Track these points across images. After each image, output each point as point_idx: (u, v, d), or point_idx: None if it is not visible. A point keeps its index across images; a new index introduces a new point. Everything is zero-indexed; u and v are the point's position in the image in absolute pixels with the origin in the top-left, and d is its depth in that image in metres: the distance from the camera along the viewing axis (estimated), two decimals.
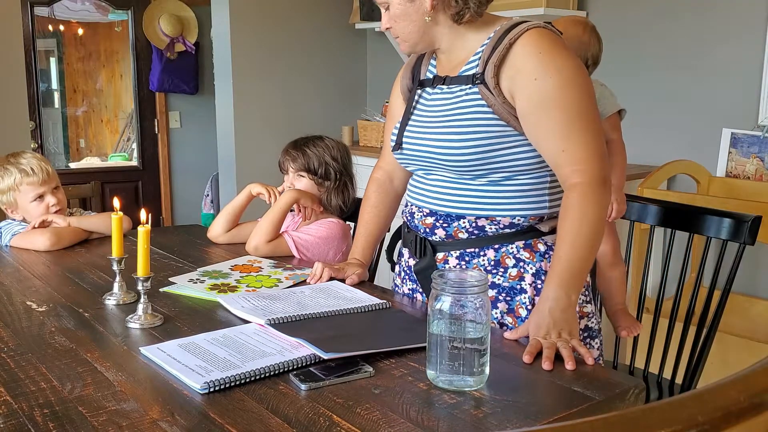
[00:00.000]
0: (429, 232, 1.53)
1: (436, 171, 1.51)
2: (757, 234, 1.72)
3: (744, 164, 3.03)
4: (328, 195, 2.11)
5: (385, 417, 1.03)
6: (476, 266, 1.49)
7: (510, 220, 1.46)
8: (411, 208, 1.59)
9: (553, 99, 1.36)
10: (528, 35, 1.38)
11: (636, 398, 1.15)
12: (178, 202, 5.73)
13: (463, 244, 1.49)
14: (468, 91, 1.44)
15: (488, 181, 1.45)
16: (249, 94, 4.22)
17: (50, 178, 2.16)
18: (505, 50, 1.39)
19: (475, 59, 1.45)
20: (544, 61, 1.36)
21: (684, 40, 3.17)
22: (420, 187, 1.56)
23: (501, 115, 1.40)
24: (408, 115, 1.57)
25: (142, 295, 1.44)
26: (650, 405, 0.54)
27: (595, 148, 1.37)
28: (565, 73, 1.36)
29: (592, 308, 1.55)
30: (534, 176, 1.45)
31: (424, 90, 1.57)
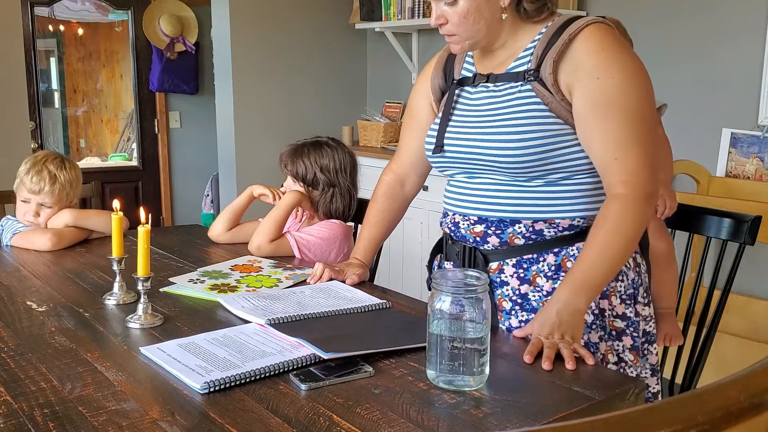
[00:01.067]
0: (480, 241, 1.44)
1: (484, 174, 1.43)
2: (757, 234, 1.72)
3: (744, 164, 3.03)
4: (332, 198, 2.11)
5: (385, 417, 1.03)
6: (536, 273, 1.41)
7: (570, 222, 1.39)
8: (454, 218, 1.49)
9: (614, 101, 1.29)
10: (589, 30, 1.32)
11: (636, 398, 1.15)
12: (178, 202, 5.73)
13: (520, 250, 1.41)
14: (520, 89, 1.37)
15: (545, 182, 1.38)
16: (249, 94, 4.22)
17: (42, 195, 2.13)
18: (565, 45, 1.32)
19: (526, 55, 1.39)
20: (608, 59, 1.30)
21: (684, 40, 3.17)
22: (463, 193, 1.47)
23: (558, 113, 1.34)
24: (447, 116, 1.48)
25: (142, 295, 1.44)
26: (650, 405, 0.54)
27: (648, 160, 1.31)
28: (628, 74, 1.31)
29: (650, 311, 1.48)
30: (593, 175, 1.38)
31: (464, 89, 1.49)
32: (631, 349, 1.42)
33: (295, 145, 2.17)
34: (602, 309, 1.40)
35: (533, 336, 1.28)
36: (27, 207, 2.15)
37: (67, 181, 2.16)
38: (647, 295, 1.48)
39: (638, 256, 1.46)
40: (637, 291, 1.44)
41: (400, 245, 3.66)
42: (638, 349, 1.43)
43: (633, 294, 1.43)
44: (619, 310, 1.41)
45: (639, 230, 1.32)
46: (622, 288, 1.41)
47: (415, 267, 3.54)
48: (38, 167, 2.14)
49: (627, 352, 1.42)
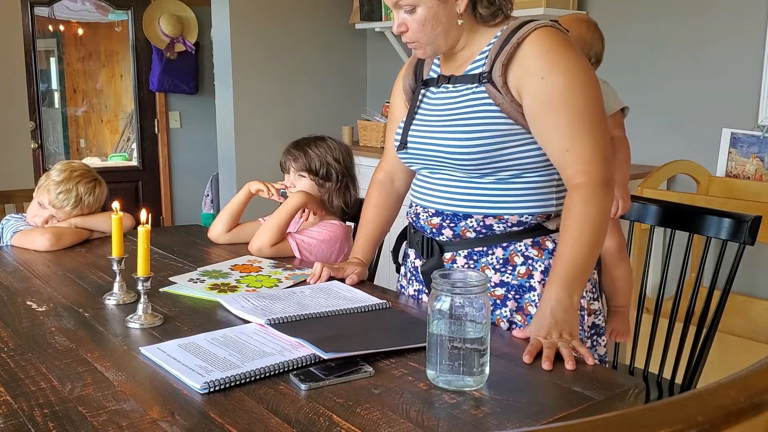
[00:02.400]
0: (436, 232, 1.53)
1: (442, 170, 1.50)
2: (757, 234, 1.72)
3: (744, 164, 3.03)
4: (330, 196, 2.10)
5: (385, 417, 1.03)
6: (484, 265, 1.48)
7: (518, 218, 1.45)
8: (416, 209, 1.58)
9: (560, 99, 1.36)
10: (536, 34, 1.38)
11: (636, 398, 1.15)
12: (178, 202, 5.73)
13: (471, 243, 1.49)
14: (475, 90, 1.44)
15: (496, 180, 1.45)
16: (249, 94, 4.22)
17: (59, 210, 2.15)
18: (513, 49, 1.39)
19: (481, 58, 1.45)
20: (552, 60, 1.36)
21: (684, 40, 3.17)
22: (425, 187, 1.55)
23: (509, 114, 1.40)
24: (412, 114, 1.57)
25: (142, 295, 1.44)
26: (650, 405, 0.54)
27: (599, 149, 1.37)
28: (572, 73, 1.37)
29: (599, 305, 1.55)
30: (542, 174, 1.45)
31: (428, 89, 1.56)
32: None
33: (299, 140, 2.16)
34: None
35: (532, 337, 1.31)
36: (41, 212, 2.16)
37: (88, 205, 2.18)
38: (595, 290, 1.54)
39: None
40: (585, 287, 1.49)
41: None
42: (583, 341, 1.49)
43: None
44: None
45: (604, 216, 1.38)
46: None
47: None
48: (69, 186, 2.15)
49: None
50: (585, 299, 1.50)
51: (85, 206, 2.17)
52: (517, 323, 1.47)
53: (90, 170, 2.24)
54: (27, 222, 2.19)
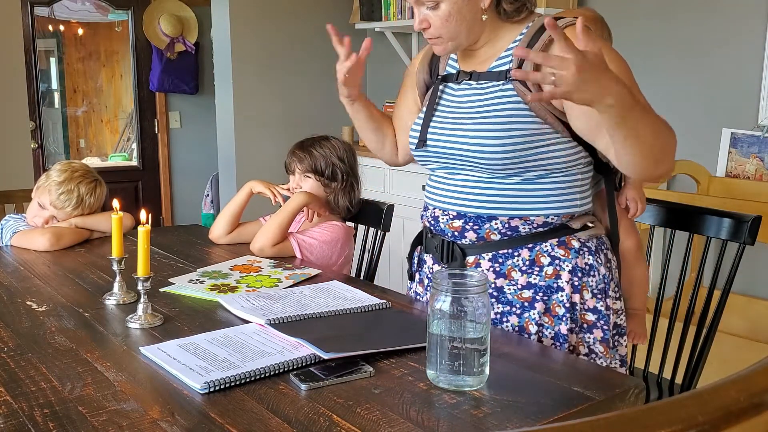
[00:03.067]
0: (458, 235, 1.48)
1: (464, 170, 1.46)
2: (757, 234, 1.71)
3: (744, 164, 3.03)
4: (335, 196, 2.10)
5: (385, 417, 1.03)
6: (510, 267, 1.45)
7: (544, 219, 1.43)
8: (434, 212, 1.53)
9: None
10: (570, 31, 1.32)
11: (636, 398, 1.15)
12: (178, 202, 5.73)
13: (496, 245, 1.45)
14: (502, 87, 1.41)
15: (521, 180, 1.41)
16: (249, 94, 4.22)
17: (60, 211, 2.15)
18: (545, 46, 1.35)
19: (508, 54, 1.42)
20: None
21: (684, 40, 3.17)
22: (443, 188, 1.50)
23: (537, 112, 1.37)
24: (431, 110, 1.51)
25: (142, 295, 1.44)
26: (650, 405, 0.54)
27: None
28: (617, 61, 1.33)
29: (621, 305, 1.53)
30: (567, 174, 1.43)
31: (447, 85, 1.52)
32: (602, 341, 1.47)
33: (303, 141, 2.15)
34: (573, 303, 1.44)
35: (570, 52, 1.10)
36: (41, 213, 2.16)
37: (89, 206, 2.19)
38: (618, 289, 1.53)
39: (609, 252, 1.52)
40: (608, 286, 1.48)
41: (400, 245, 3.66)
42: (608, 341, 1.47)
43: (604, 288, 1.47)
44: (590, 304, 1.46)
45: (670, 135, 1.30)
46: (594, 283, 1.46)
47: None
48: (70, 186, 2.15)
49: (597, 344, 1.47)
50: (609, 298, 1.48)
51: (86, 207, 2.17)
52: (545, 325, 1.44)
53: (90, 170, 2.24)
54: (27, 222, 2.19)
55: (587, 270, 1.45)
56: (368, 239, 2.22)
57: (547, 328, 1.44)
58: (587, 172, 1.48)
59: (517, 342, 1.37)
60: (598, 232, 1.51)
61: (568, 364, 1.26)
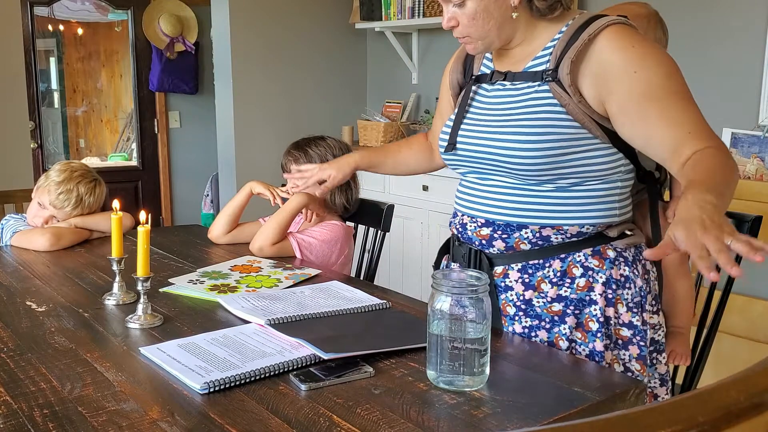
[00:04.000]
0: (486, 244, 1.41)
1: (495, 175, 1.39)
2: (758, 234, 1.71)
3: (744, 164, 3.03)
4: (332, 194, 2.11)
5: (385, 417, 1.03)
6: (541, 279, 1.37)
7: (578, 229, 1.35)
8: (462, 219, 1.46)
9: (662, 88, 1.26)
10: (611, 30, 1.28)
11: (636, 398, 1.15)
12: (178, 202, 5.73)
13: (526, 255, 1.38)
14: (537, 89, 1.34)
15: (555, 187, 1.34)
16: (249, 94, 4.22)
17: (59, 211, 2.15)
18: (584, 46, 1.28)
19: (545, 54, 1.35)
20: (640, 53, 1.27)
21: (684, 40, 3.17)
22: (473, 194, 1.44)
23: (575, 116, 1.30)
24: (462, 112, 1.45)
25: (142, 295, 1.44)
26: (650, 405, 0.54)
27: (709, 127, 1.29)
28: (665, 61, 1.29)
29: (659, 320, 1.44)
30: (604, 182, 1.35)
31: (480, 86, 1.45)
32: (638, 359, 1.39)
33: (299, 141, 2.16)
34: (608, 317, 1.36)
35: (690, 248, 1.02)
36: (41, 213, 2.16)
37: (88, 205, 2.19)
38: (656, 303, 1.44)
39: (647, 263, 1.43)
40: (645, 299, 1.40)
41: (400, 245, 3.66)
42: (645, 358, 1.39)
43: (640, 302, 1.39)
44: (625, 318, 1.38)
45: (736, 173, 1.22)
46: (629, 296, 1.37)
47: (415, 267, 3.54)
48: (70, 186, 2.15)
49: (633, 361, 1.39)
50: (646, 312, 1.40)
51: (86, 206, 2.17)
52: (577, 341, 1.36)
53: (90, 170, 2.24)
54: (27, 222, 2.19)
55: (622, 282, 1.36)
56: (368, 239, 2.22)
57: (580, 344, 1.36)
58: (627, 180, 1.39)
59: (517, 342, 1.37)
60: (638, 240, 1.42)
61: (568, 364, 1.26)
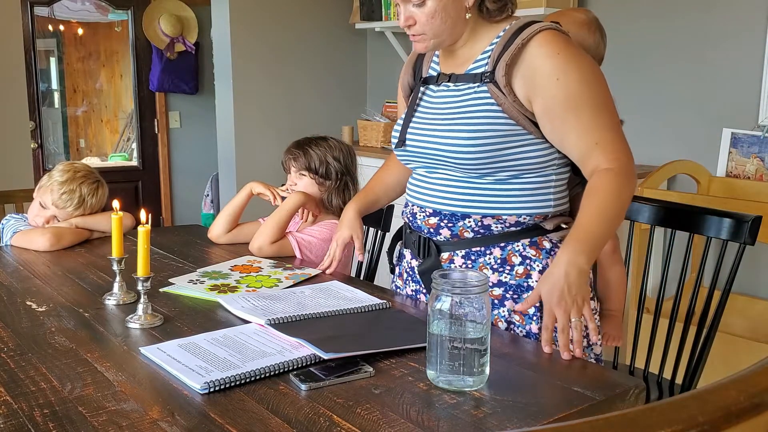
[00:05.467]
0: (433, 232, 1.52)
1: (441, 169, 1.50)
2: (758, 234, 1.71)
3: (744, 164, 3.03)
4: (329, 195, 2.11)
5: (385, 417, 1.03)
6: (482, 265, 1.48)
7: (516, 219, 1.46)
8: (412, 209, 1.58)
9: (580, 96, 1.37)
10: (542, 36, 1.38)
11: (636, 398, 1.15)
12: (178, 202, 5.73)
13: (469, 243, 1.49)
14: (476, 89, 1.44)
15: (495, 180, 1.45)
16: (249, 94, 4.22)
17: (61, 211, 2.15)
18: (518, 50, 1.38)
19: (484, 57, 1.45)
20: (564, 61, 1.37)
21: (684, 40, 3.17)
22: (422, 186, 1.55)
23: (510, 114, 1.40)
24: (411, 112, 1.56)
25: (142, 295, 1.44)
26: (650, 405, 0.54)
27: (623, 141, 1.40)
28: (586, 71, 1.38)
29: (595, 305, 1.54)
30: (540, 174, 1.46)
31: (428, 87, 1.56)
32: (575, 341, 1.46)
33: (300, 140, 2.16)
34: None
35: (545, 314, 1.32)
36: (42, 212, 2.16)
37: (90, 206, 2.19)
38: (592, 290, 1.53)
39: None
40: None
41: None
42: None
43: None
44: None
45: (629, 199, 1.39)
46: None
47: None
48: (72, 186, 2.15)
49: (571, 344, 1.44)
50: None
51: (88, 207, 2.17)
52: (515, 323, 1.47)
53: (93, 171, 2.24)
54: (28, 222, 2.19)
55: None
56: (368, 239, 2.22)
57: (518, 326, 1.47)
58: (562, 174, 1.50)
59: (517, 342, 1.37)
60: None
61: (568, 364, 1.26)
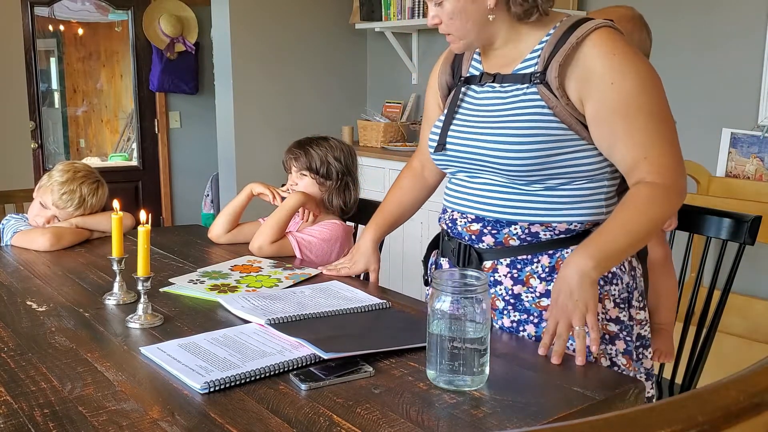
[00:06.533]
0: (475, 239, 1.44)
1: (484, 174, 1.42)
2: (757, 234, 1.71)
3: (744, 164, 3.03)
4: (330, 195, 2.11)
5: (385, 417, 1.03)
6: (529, 274, 1.40)
7: (566, 226, 1.38)
8: (452, 215, 1.50)
9: (633, 104, 1.29)
10: (598, 35, 1.30)
11: (636, 398, 1.15)
12: (178, 202, 5.73)
13: (515, 251, 1.40)
14: (526, 91, 1.36)
15: (544, 187, 1.37)
16: (249, 94, 4.22)
17: (62, 211, 2.15)
18: (572, 49, 1.30)
19: (533, 57, 1.37)
20: (620, 63, 1.29)
21: (684, 40, 3.17)
22: (463, 191, 1.47)
23: (562, 118, 1.32)
24: (452, 114, 1.48)
25: (142, 295, 1.44)
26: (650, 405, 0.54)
27: (677, 156, 1.31)
28: (643, 77, 1.29)
29: (645, 315, 1.47)
30: (592, 182, 1.38)
31: (470, 87, 1.47)
32: (624, 353, 1.40)
33: (301, 140, 2.16)
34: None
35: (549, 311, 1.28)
36: (43, 212, 2.16)
37: (90, 206, 2.19)
38: (642, 299, 1.47)
39: (633, 259, 1.45)
40: (632, 295, 1.42)
41: (400, 245, 3.66)
42: (631, 353, 1.41)
43: (627, 298, 1.41)
44: (612, 314, 1.39)
45: (664, 217, 1.31)
46: (616, 292, 1.40)
47: (416, 267, 3.53)
48: (73, 187, 2.15)
49: (620, 356, 1.40)
50: (633, 308, 1.43)
51: (88, 207, 2.17)
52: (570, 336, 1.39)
53: (93, 171, 2.24)
54: (28, 222, 2.19)
55: (609, 278, 1.38)
56: None
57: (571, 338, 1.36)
58: (614, 180, 1.42)
59: (517, 342, 1.37)
60: None
61: (568, 364, 1.26)
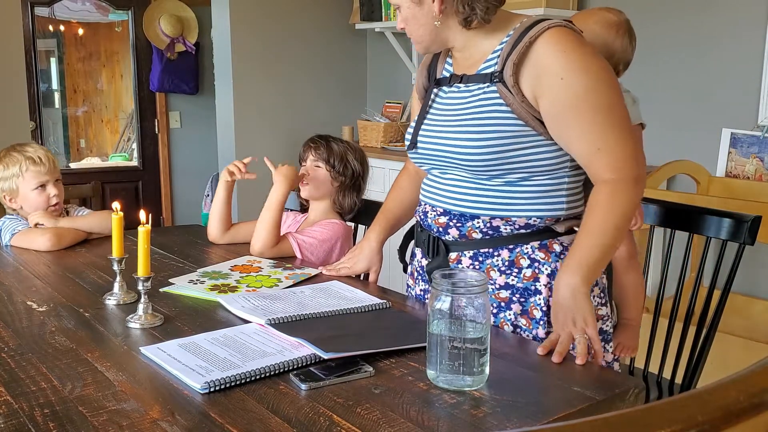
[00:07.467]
0: (442, 231, 1.51)
1: (452, 170, 1.49)
2: (757, 234, 1.71)
3: (744, 164, 3.03)
4: (342, 191, 2.10)
5: (385, 417, 1.03)
6: (490, 267, 1.46)
7: (526, 221, 1.43)
8: (424, 207, 1.57)
9: (584, 99, 1.33)
10: (549, 34, 1.35)
11: (636, 398, 1.15)
12: (178, 202, 5.73)
13: (477, 244, 1.47)
14: (486, 90, 1.42)
15: (504, 182, 1.43)
16: (249, 94, 4.22)
17: (54, 169, 2.18)
18: (525, 48, 1.36)
19: (494, 57, 1.42)
20: (570, 60, 1.33)
21: (684, 40, 3.17)
22: (434, 187, 1.54)
23: (519, 115, 1.38)
24: (423, 114, 1.55)
25: (143, 295, 1.44)
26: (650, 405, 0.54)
27: (630, 146, 1.36)
28: (593, 72, 1.34)
29: (607, 311, 1.52)
30: (552, 177, 1.43)
31: (441, 89, 1.55)
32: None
33: (321, 134, 2.16)
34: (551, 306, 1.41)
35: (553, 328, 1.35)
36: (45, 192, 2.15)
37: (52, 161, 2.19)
38: (604, 295, 1.51)
39: None
40: (592, 291, 1.45)
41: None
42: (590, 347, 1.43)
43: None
44: None
45: (629, 212, 1.37)
46: None
47: None
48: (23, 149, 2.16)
49: None
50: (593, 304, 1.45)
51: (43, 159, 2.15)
52: (521, 327, 1.45)
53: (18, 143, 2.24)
54: (29, 221, 2.18)
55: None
56: None
57: (524, 330, 1.44)
58: (576, 176, 1.46)
59: (517, 342, 1.37)
60: None
61: (568, 364, 1.26)
